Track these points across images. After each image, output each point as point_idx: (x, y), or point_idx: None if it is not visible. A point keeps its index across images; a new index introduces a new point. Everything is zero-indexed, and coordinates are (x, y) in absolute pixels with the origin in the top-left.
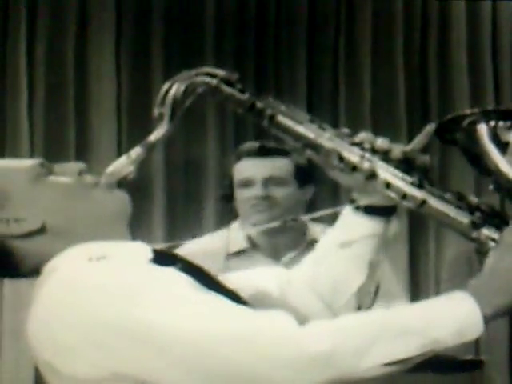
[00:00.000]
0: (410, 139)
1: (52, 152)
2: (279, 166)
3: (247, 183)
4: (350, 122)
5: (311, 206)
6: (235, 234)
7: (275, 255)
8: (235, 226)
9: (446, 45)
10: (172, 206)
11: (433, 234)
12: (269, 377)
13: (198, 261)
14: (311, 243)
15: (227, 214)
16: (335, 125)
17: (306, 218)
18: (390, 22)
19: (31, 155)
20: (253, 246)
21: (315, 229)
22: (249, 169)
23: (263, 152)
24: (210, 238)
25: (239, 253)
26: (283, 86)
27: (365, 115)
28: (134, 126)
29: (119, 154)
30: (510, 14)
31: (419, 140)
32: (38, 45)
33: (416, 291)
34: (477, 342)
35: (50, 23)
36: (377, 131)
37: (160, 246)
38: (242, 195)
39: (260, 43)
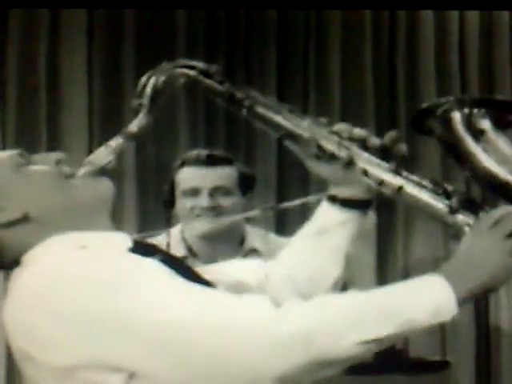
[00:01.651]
0: None
1: None
2: (226, 175)
3: (193, 192)
4: None
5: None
6: (175, 241)
7: (213, 263)
8: (175, 232)
9: (414, 50)
10: (143, 208)
11: (401, 233)
12: (247, 360)
13: None
14: (249, 251)
15: (167, 220)
16: None
17: (282, 206)
18: (358, 27)
19: None
20: (192, 254)
21: (253, 237)
22: (195, 178)
23: (211, 161)
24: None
25: None
26: (253, 88)
27: (334, 118)
28: (106, 130)
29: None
30: (477, 20)
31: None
32: (9, 49)
33: None
34: (443, 344)
35: (21, 27)
36: None
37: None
38: (185, 204)
39: (230, 48)
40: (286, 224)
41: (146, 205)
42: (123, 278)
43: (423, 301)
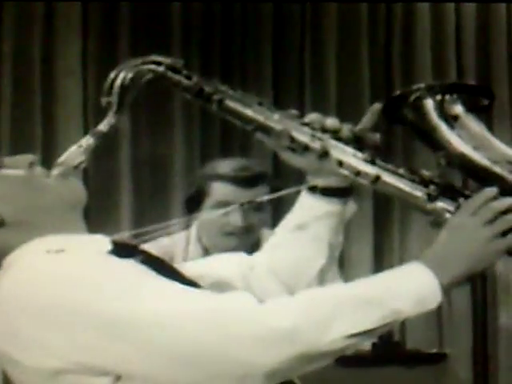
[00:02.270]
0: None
1: (18, 147)
2: (260, 192)
3: (225, 206)
4: None
5: None
6: (192, 242)
7: None
8: (193, 233)
9: (411, 42)
10: (139, 203)
11: (397, 227)
12: (233, 355)
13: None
14: None
15: (188, 223)
16: None
17: (266, 198)
18: (355, 19)
19: None
20: (207, 255)
21: (267, 239)
22: (231, 195)
23: (250, 182)
24: (170, 241)
25: None
26: (249, 81)
27: (330, 111)
28: (100, 121)
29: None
30: (474, 13)
31: (367, 119)
32: (4, 40)
33: None
34: (441, 336)
35: (16, 19)
36: None
37: (125, 234)
38: (217, 219)
39: (226, 41)
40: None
41: (141, 202)
42: (105, 279)
43: (407, 290)
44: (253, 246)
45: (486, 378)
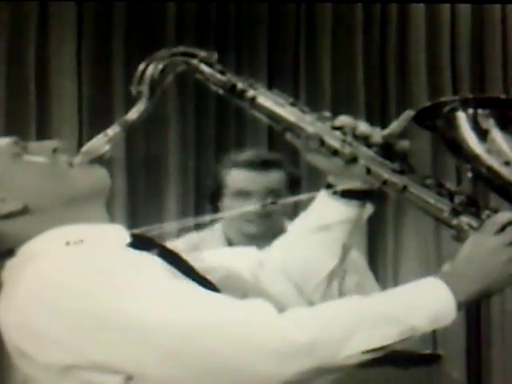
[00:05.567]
0: None
1: None
2: (276, 179)
3: (244, 195)
4: None
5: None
6: (216, 235)
7: None
8: (218, 228)
9: (405, 43)
10: (133, 202)
11: (391, 228)
12: (250, 366)
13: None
14: None
15: (209, 212)
16: None
17: (285, 201)
18: (349, 20)
19: None
20: None
21: None
22: (246, 181)
23: (264, 166)
24: (196, 237)
25: None
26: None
27: (325, 110)
28: (95, 122)
29: (80, 150)
30: (468, 14)
31: (397, 124)
32: None
33: None
34: (434, 337)
35: (10, 18)
36: None
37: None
38: (235, 207)
39: (221, 41)
40: None
41: (135, 196)
42: (122, 276)
43: (425, 308)
44: (276, 235)
45: (479, 379)
